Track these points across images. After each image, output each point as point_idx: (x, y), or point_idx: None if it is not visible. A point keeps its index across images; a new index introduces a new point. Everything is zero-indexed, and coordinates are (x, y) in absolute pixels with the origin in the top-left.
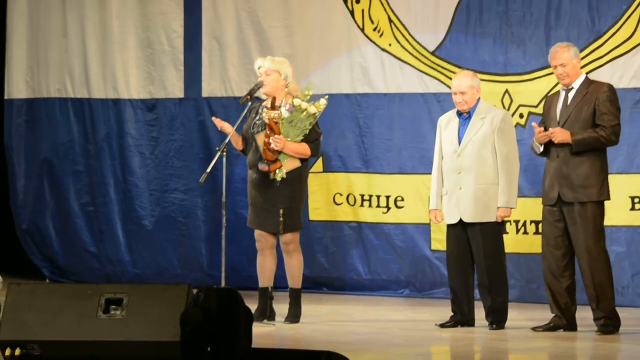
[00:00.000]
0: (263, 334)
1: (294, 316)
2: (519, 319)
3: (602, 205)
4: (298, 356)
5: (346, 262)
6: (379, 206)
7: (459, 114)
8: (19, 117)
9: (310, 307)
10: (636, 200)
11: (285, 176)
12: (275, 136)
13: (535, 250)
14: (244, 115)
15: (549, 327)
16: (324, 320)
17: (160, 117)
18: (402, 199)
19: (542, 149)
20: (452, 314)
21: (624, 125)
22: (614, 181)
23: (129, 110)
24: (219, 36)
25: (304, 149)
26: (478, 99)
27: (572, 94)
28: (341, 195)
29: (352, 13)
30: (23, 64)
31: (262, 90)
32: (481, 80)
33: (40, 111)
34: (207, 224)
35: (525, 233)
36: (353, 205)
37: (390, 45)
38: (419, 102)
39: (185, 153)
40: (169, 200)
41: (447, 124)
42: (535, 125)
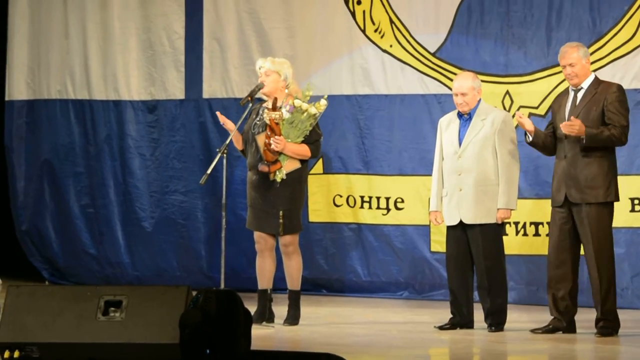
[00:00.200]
0: (262, 336)
1: (293, 318)
2: (518, 321)
3: (611, 206)
4: (297, 358)
5: (346, 264)
6: (379, 208)
7: (459, 115)
8: (20, 119)
9: (309, 309)
10: (636, 201)
11: (285, 177)
12: (275, 137)
13: (535, 252)
14: (244, 117)
15: (548, 330)
16: (323, 322)
17: (161, 119)
18: (402, 201)
19: (531, 138)
20: (451, 316)
21: None
22: None
23: (130, 111)
24: (220, 37)
25: (304, 150)
26: (479, 101)
27: (581, 94)
28: (341, 196)
29: (353, 14)
30: (24, 65)
31: (262, 92)
32: (482, 81)
33: (40, 113)
34: (207, 225)
35: (525, 235)
36: (353, 207)
37: (391, 46)
38: (420, 104)
39: (185, 154)
40: (169, 202)
41: (447, 125)
42: (520, 115)
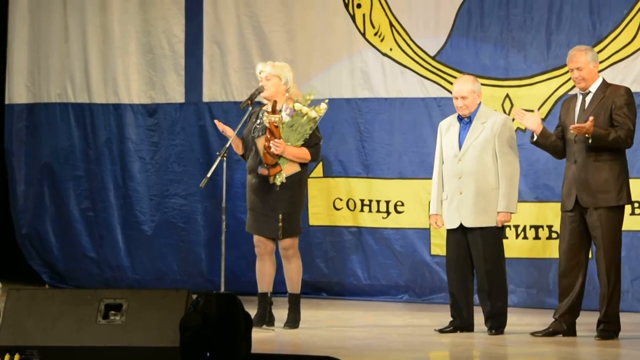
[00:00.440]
0: (262, 339)
1: (293, 321)
2: (518, 324)
3: (622, 209)
4: None
5: (346, 267)
6: (379, 211)
7: (459, 118)
8: (20, 122)
9: (309, 312)
10: (636, 205)
11: (284, 181)
12: (275, 140)
13: (535, 255)
14: (244, 120)
15: (548, 333)
16: (323, 325)
17: (161, 122)
18: (402, 204)
19: (535, 138)
20: (451, 319)
21: None
22: None
23: (130, 115)
24: (220, 41)
25: (304, 154)
26: (479, 104)
27: (589, 98)
28: (341, 200)
29: (353, 18)
30: (24, 69)
31: (262, 95)
32: (482, 84)
33: (40, 116)
34: (207, 229)
35: (525, 238)
36: (353, 210)
37: (391, 49)
38: (420, 107)
39: (185, 158)
40: (169, 205)
41: (447, 128)
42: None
